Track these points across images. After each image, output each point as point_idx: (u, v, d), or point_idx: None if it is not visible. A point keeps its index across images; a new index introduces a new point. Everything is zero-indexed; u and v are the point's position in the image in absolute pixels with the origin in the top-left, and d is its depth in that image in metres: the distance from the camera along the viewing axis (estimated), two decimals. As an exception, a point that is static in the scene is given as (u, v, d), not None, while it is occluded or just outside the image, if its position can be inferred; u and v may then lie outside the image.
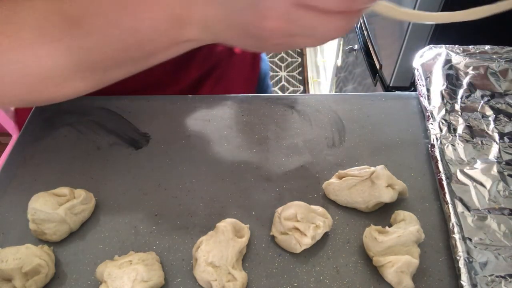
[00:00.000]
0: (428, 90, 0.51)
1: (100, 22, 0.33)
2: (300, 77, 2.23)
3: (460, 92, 0.50)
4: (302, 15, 0.29)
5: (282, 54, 2.33)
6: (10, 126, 1.57)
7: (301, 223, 0.38)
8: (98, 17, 0.33)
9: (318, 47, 1.94)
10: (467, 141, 0.45)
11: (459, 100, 0.49)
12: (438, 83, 0.51)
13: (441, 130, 0.46)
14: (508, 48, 0.53)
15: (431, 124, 0.47)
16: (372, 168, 0.42)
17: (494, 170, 0.42)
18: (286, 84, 2.19)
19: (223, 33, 0.33)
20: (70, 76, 0.36)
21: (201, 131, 0.50)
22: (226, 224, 0.38)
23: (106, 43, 0.35)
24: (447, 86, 0.51)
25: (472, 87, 0.50)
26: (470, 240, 0.37)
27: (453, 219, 0.38)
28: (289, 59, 2.31)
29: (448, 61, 0.53)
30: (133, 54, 0.36)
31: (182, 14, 0.33)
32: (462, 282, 0.34)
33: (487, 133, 0.46)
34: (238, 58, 0.62)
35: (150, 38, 0.35)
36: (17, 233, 0.41)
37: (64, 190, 0.41)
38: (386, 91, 1.01)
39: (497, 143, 0.45)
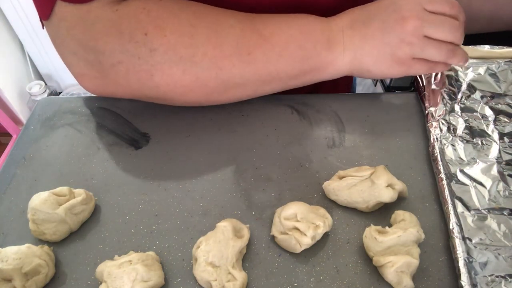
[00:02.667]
0: (428, 90, 0.51)
1: (284, 39, 0.43)
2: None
3: (460, 92, 0.50)
4: (430, 15, 0.42)
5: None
6: (10, 126, 1.57)
7: (301, 223, 0.38)
8: (283, 34, 0.43)
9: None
10: (467, 141, 0.45)
11: (458, 101, 0.49)
12: (438, 84, 0.51)
13: (441, 130, 0.46)
14: (508, 49, 0.53)
15: (431, 124, 0.48)
16: (372, 168, 0.42)
17: (494, 170, 0.42)
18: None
19: (363, 48, 0.44)
20: (240, 84, 0.45)
21: (201, 131, 0.50)
22: (226, 224, 0.38)
23: (283, 56, 0.43)
24: (446, 87, 0.51)
25: (471, 87, 0.50)
26: (470, 240, 0.37)
27: (453, 219, 0.38)
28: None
29: (448, 61, 0.53)
30: (292, 71, 0.45)
31: (331, 37, 0.44)
32: (462, 282, 0.35)
33: (487, 133, 0.46)
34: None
35: (309, 56, 0.44)
36: (17, 233, 0.41)
37: (64, 190, 0.41)
38: (386, 91, 1.01)
39: (497, 143, 0.45)
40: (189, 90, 0.44)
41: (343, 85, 0.73)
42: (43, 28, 0.44)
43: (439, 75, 0.52)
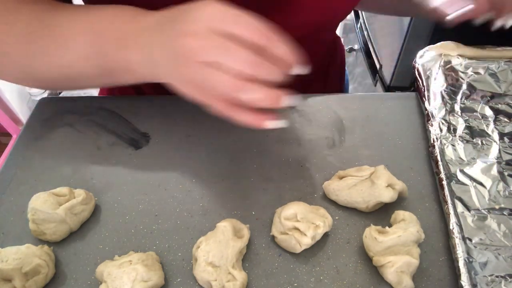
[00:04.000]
0: (428, 90, 0.51)
1: (70, 33, 0.40)
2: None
3: (460, 92, 0.50)
4: (214, 38, 0.33)
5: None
6: (10, 126, 1.57)
7: (301, 223, 0.38)
8: (72, 29, 0.40)
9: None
10: (467, 141, 0.45)
11: (458, 101, 0.49)
12: (438, 84, 0.51)
13: (441, 130, 0.46)
14: (508, 49, 0.53)
15: (431, 124, 0.48)
16: (372, 168, 0.42)
17: (494, 170, 0.42)
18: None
19: (156, 56, 0.37)
20: (38, 78, 0.44)
21: (201, 131, 0.50)
22: (226, 224, 0.38)
23: (69, 50, 0.41)
24: (447, 87, 0.51)
25: (471, 87, 0.50)
26: (470, 240, 0.37)
27: (453, 219, 0.38)
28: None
29: (448, 62, 0.53)
30: (82, 69, 0.42)
31: (128, 37, 0.39)
32: (462, 282, 0.35)
33: (487, 133, 0.46)
34: (331, 74, 0.70)
35: (105, 53, 0.40)
36: (17, 233, 0.41)
37: (64, 190, 0.41)
38: (386, 91, 1.01)
39: (497, 143, 0.45)
40: None
41: (334, 86, 0.72)
42: None
43: (439, 75, 0.52)
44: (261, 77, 0.33)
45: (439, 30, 0.80)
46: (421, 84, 0.52)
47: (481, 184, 0.41)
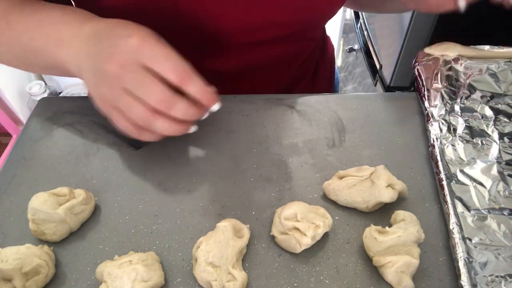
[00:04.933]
0: (428, 90, 0.51)
1: (20, 28, 0.44)
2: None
3: (460, 92, 0.50)
4: (139, 71, 0.35)
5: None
6: (10, 126, 1.57)
7: (301, 223, 0.38)
8: (21, 24, 0.44)
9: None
10: (467, 141, 0.45)
11: (458, 101, 0.49)
12: (438, 84, 0.51)
13: (441, 130, 0.46)
14: (508, 49, 0.53)
15: (431, 124, 0.48)
16: (372, 168, 0.42)
17: (494, 170, 0.42)
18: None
19: (84, 66, 0.39)
20: (7, 60, 0.48)
21: (201, 131, 0.50)
22: (226, 224, 0.38)
23: (19, 44, 0.44)
24: (447, 87, 0.51)
25: (471, 87, 0.50)
26: (470, 240, 0.37)
27: (453, 219, 0.38)
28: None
29: (448, 62, 0.53)
30: (33, 61, 0.46)
31: (64, 37, 0.41)
32: (462, 282, 0.35)
33: (487, 133, 0.46)
34: (320, 73, 0.70)
35: (39, 50, 0.43)
36: (17, 233, 0.41)
37: (64, 190, 0.41)
38: (386, 91, 1.01)
39: (497, 143, 0.45)
40: None
41: (323, 84, 0.72)
42: None
43: (439, 75, 0.52)
44: (173, 115, 0.36)
45: (439, 30, 0.80)
46: (421, 84, 0.52)
47: (481, 184, 0.41)
